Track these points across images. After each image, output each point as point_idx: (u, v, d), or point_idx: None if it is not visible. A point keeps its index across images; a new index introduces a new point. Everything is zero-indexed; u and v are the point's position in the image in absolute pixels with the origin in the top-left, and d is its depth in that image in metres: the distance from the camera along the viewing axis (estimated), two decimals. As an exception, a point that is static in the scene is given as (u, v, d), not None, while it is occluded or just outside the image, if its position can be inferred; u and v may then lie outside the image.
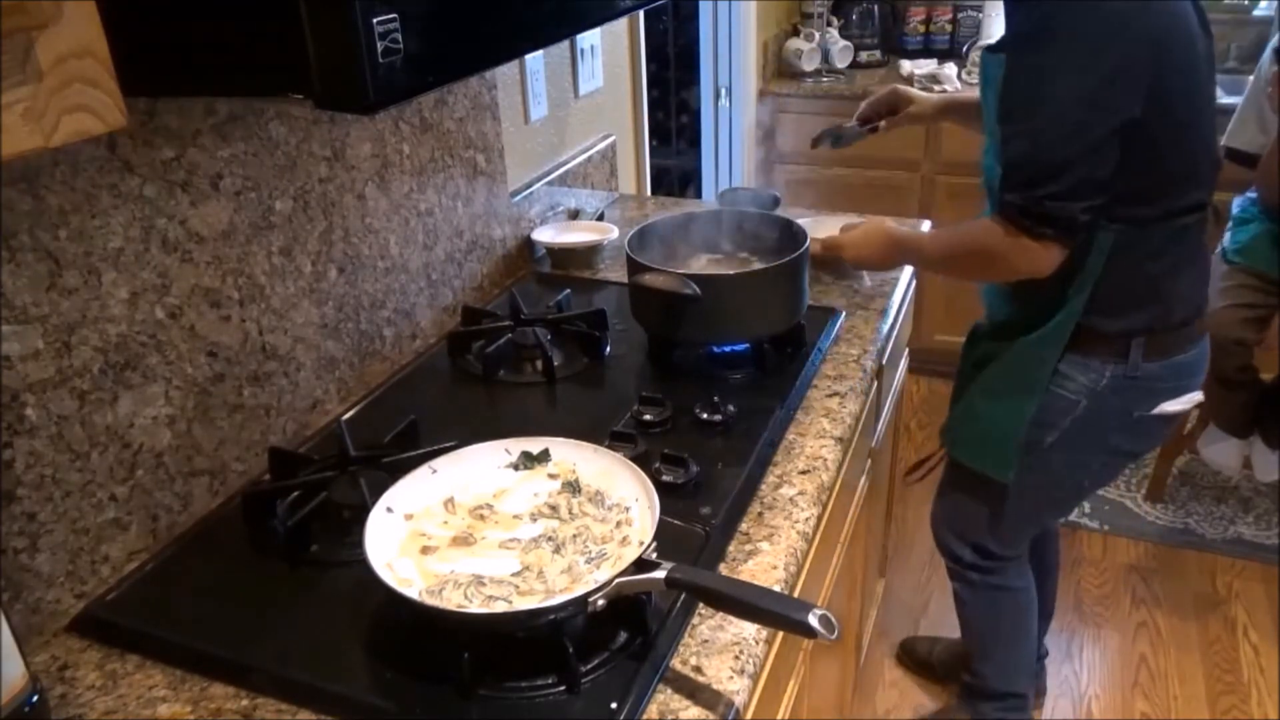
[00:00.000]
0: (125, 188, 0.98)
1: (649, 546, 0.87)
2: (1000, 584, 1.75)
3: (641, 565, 0.86)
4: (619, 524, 0.95)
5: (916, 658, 2.21)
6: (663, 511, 0.92)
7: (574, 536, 0.93)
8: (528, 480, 1.02)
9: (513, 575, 0.89)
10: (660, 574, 0.85)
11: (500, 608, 0.85)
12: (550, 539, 0.93)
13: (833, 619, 0.79)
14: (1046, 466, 1.54)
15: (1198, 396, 1.50)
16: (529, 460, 1.04)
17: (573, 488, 1.00)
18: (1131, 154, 1.28)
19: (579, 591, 0.83)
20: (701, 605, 0.94)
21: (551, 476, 1.02)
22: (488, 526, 0.96)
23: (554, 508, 0.98)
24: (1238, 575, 2.48)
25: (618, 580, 0.84)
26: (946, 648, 2.17)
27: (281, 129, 1.17)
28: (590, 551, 0.91)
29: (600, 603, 0.83)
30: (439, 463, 1.01)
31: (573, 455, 1.04)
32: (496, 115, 1.63)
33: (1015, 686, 1.87)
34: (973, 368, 1.62)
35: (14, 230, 0.88)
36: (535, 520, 0.96)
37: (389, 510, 0.95)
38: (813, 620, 0.78)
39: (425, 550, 0.92)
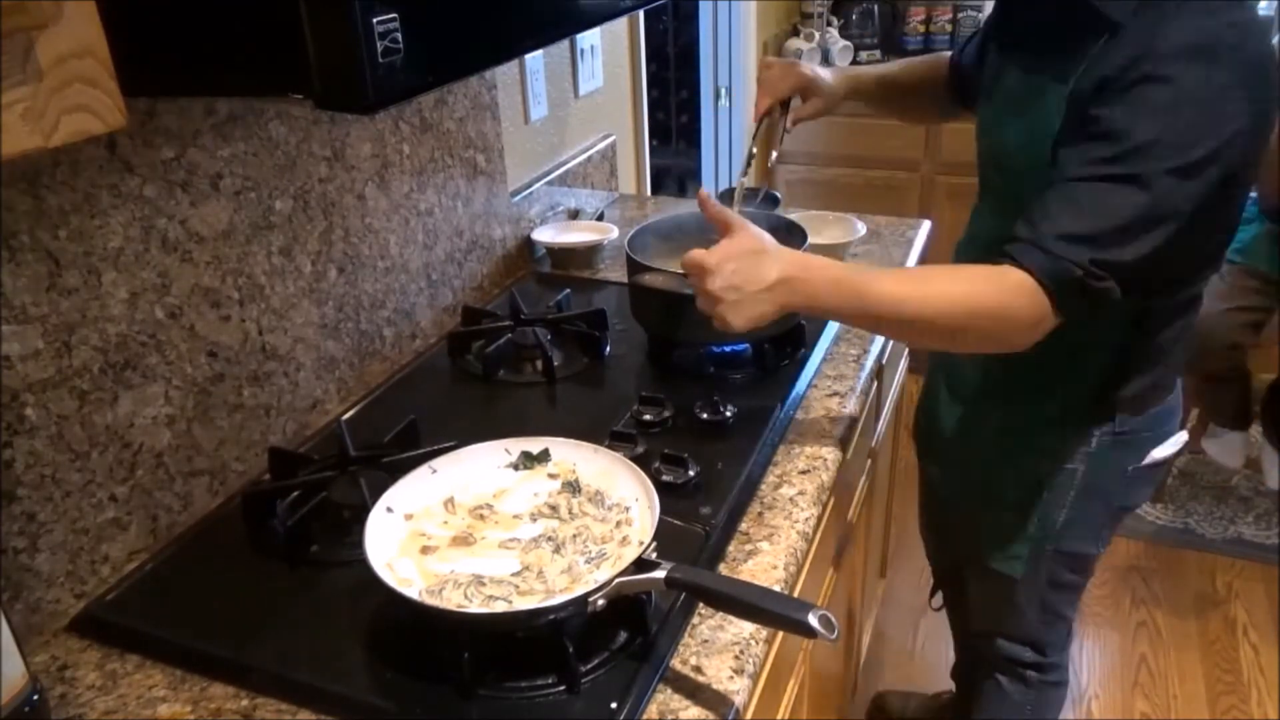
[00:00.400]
0: (125, 188, 0.98)
1: (648, 546, 0.88)
2: (1059, 679, 1.60)
3: (641, 565, 0.86)
4: (619, 524, 0.95)
5: (888, 715, 2.12)
6: (663, 511, 0.92)
7: (574, 536, 0.93)
8: (528, 480, 1.02)
9: (513, 575, 0.89)
10: (660, 574, 0.85)
11: (500, 608, 0.85)
12: (550, 539, 0.93)
13: (832, 619, 0.79)
14: (1064, 549, 1.39)
15: (1183, 436, 1.39)
16: (529, 460, 1.04)
17: (573, 488, 1.00)
18: (1209, 217, 1.05)
19: (579, 591, 0.83)
20: (702, 605, 0.94)
21: (551, 476, 1.02)
22: (487, 526, 0.96)
23: (554, 507, 0.98)
24: (1238, 575, 2.48)
25: (618, 580, 0.84)
26: (921, 704, 2.10)
27: (281, 129, 1.17)
28: (590, 551, 0.91)
29: (600, 603, 0.84)
30: (439, 463, 1.01)
31: (573, 455, 1.04)
32: (496, 115, 1.63)
33: None
34: (949, 463, 1.46)
35: (14, 230, 0.88)
36: (535, 520, 0.96)
37: (389, 510, 0.95)
38: (813, 620, 0.78)
39: (425, 550, 0.92)
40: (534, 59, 1.77)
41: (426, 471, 1.00)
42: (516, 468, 1.03)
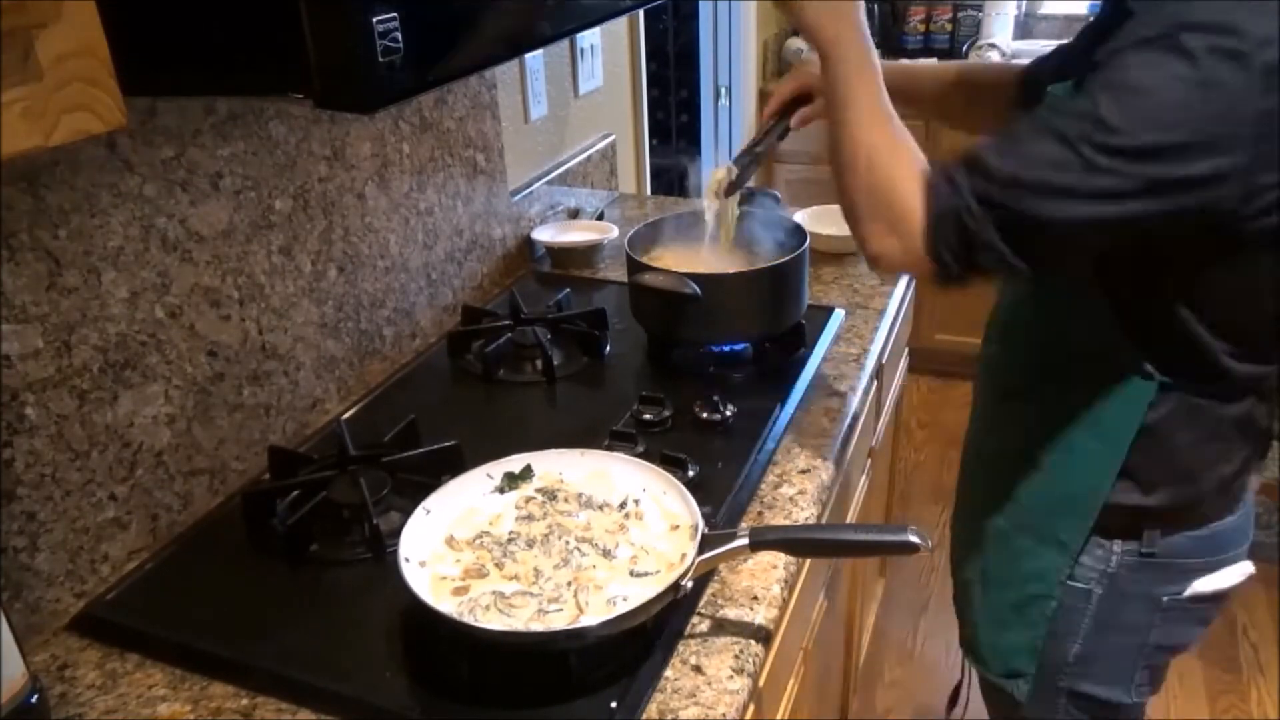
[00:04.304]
0: (125, 187, 0.98)
1: (702, 520, 0.90)
2: None
3: (713, 539, 0.88)
4: (628, 515, 0.96)
5: None
6: (663, 511, 0.92)
7: (563, 539, 0.93)
8: (519, 500, 1.00)
9: (549, 589, 0.87)
10: (743, 540, 0.88)
11: (563, 619, 0.83)
12: (530, 543, 0.93)
13: (922, 531, 0.85)
14: (1082, 690, 1.15)
15: (1246, 566, 1.13)
16: (512, 480, 1.02)
17: (549, 495, 1.00)
18: (1227, 278, 0.92)
19: (671, 578, 0.85)
20: (702, 605, 0.94)
21: (540, 491, 1.01)
22: (494, 555, 0.93)
23: (529, 516, 0.97)
24: (1237, 575, 2.48)
25: (701, 559, 0.87)
26: None
27: (281, 128, 1.17)
28: (602, 547, 0.92)
29: (688, 584, 0.86)
30: (431, 502, 0.97)
31: (557, 464, 1.03)
32: (496, 115, 1.63)
33: None
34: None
35: (14, 229, 0.88)
36: (524, 536, 0.95)
37: (407, 560, 0.90)
38: (913, 538, 0.85)
39: (458, 591, 0.89)
40: (534, 59, 1.77)
41: (422, 514, 0.96)
42: (503, 490, 1.01)
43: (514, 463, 1.03)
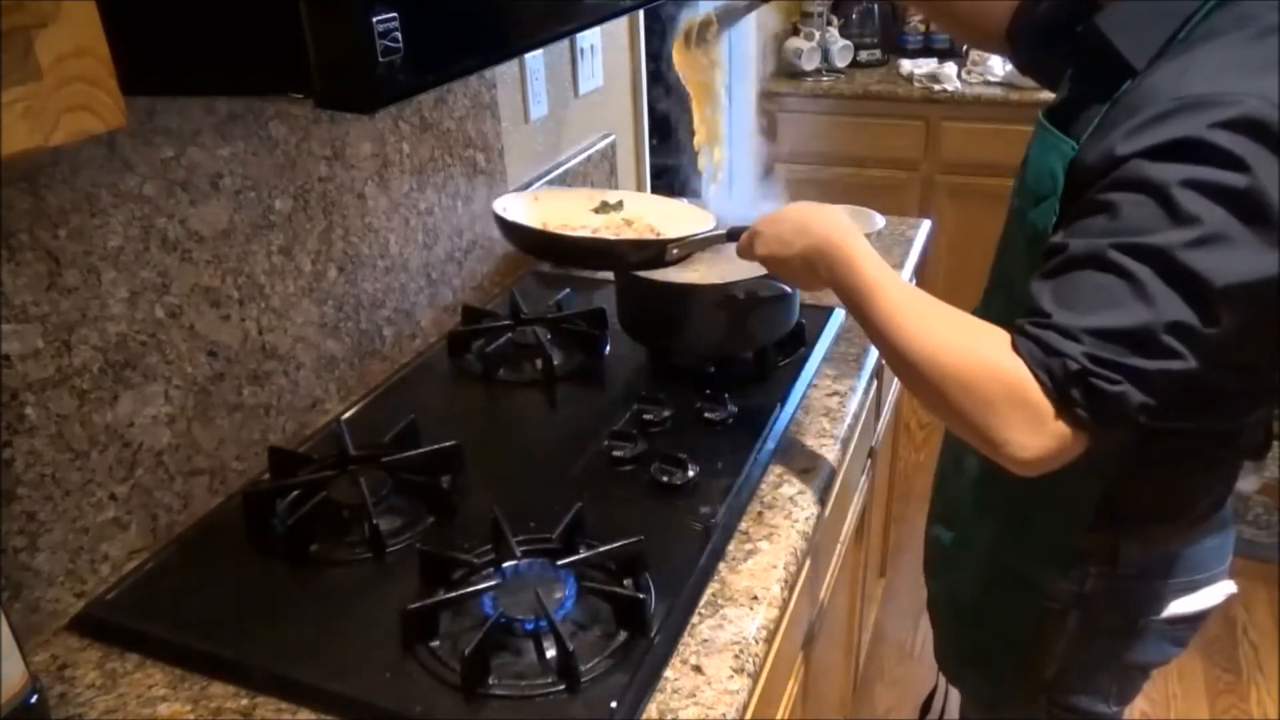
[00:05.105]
0: (125, 187, 0.98)
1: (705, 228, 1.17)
2: None
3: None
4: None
5: None
6: (662, 512, 0.92)
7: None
8: (605, 220, 1.29)
9: None
10: (721, 230, 1.13)
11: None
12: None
13: None
14: (1062, 703, 1.15)
15: (1229, 587, 1.10)
16: (606, 208, 1.31)
17: (627, 223, 1.29)
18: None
19: (661, 238, 1.15)
20: (702, 604, 0.94)
21: (623, 219, 1.30)
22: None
23: (606, 226, 1.27)
24: (1238, 575, 2.47)
25: (690, 239, 1.14)
26: None
27: (281, 128, 1.17)
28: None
29: (675, 251, 1.14)
30: (540, 192, 1.33)
31: (643, 204, 1.33)
32: (496, 114, 1.63)
33: None
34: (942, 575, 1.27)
35: (14, 229, 0.88)
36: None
37: (504, 210, 1.22)
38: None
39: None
40: (534, 59, 1.76)
41: (530, 198, 1.28)
42: (597, 211, 1.31)
43: (612, 195, 1.34)
